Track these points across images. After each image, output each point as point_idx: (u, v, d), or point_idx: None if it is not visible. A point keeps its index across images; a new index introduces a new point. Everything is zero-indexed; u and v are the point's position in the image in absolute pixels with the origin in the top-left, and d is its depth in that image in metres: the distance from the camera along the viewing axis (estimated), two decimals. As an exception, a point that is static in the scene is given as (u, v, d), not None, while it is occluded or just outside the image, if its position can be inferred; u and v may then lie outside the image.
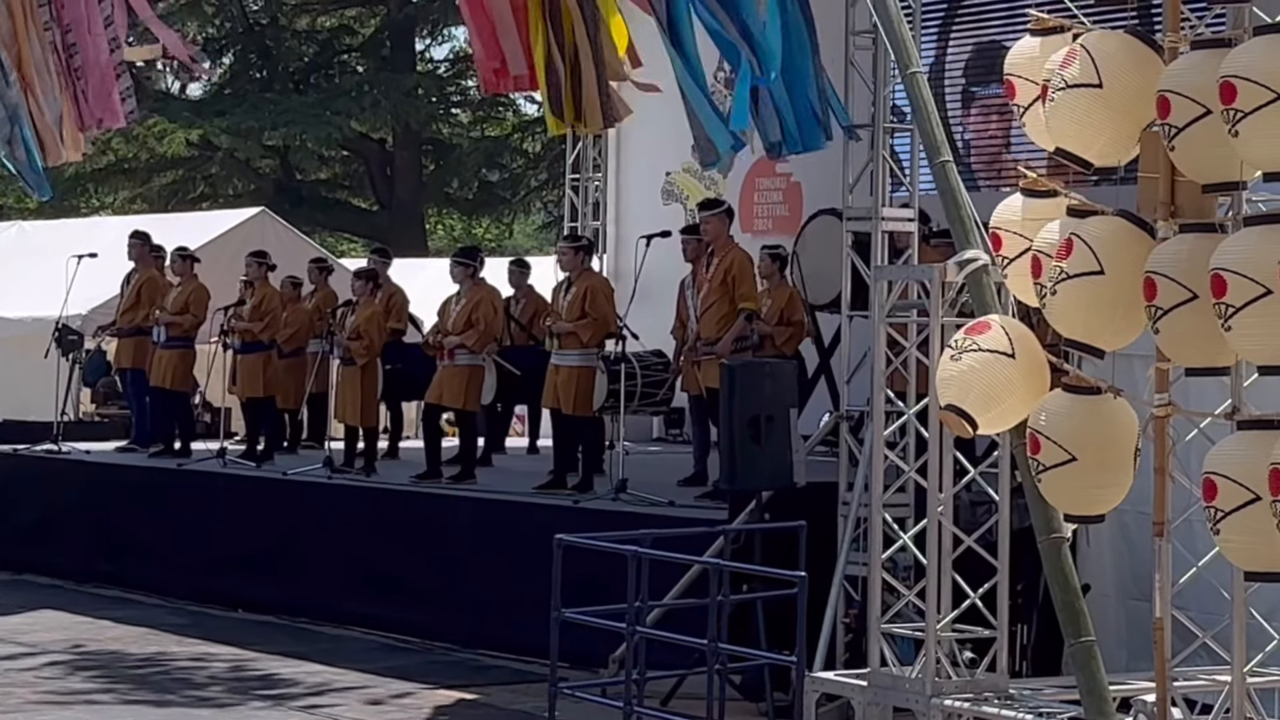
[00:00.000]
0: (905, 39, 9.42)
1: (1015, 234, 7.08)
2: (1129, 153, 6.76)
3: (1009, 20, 16.20)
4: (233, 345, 18.49)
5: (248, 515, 16.54)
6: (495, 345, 16.25)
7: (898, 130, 12.10)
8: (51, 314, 20.36)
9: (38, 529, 18.44)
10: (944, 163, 8.90)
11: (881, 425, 10.44)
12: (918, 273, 10.74)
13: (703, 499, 13.71)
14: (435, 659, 14.01)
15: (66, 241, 22.73)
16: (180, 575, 16.79)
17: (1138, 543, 9.80)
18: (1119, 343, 6.68)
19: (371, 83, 35.53)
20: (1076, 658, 7.40)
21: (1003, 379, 6.92)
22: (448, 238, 42.23)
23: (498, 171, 38.62)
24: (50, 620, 15.75)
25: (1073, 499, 6.82)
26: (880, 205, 11.82)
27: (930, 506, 9.86)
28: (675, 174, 20.17)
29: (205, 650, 14.34)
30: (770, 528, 11.70)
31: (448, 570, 14.55)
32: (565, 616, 10.66)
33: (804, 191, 18.34)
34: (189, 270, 19.08)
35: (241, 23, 36.85)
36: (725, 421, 12.15)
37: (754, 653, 10.81)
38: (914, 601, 10.29)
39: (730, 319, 14.25)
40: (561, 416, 15.10)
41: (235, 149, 35.00)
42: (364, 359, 16.86)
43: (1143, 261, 6.41)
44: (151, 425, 19.07)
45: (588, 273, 15.47)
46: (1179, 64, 6.43)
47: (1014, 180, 7.88)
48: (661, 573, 11.14)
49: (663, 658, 11.03)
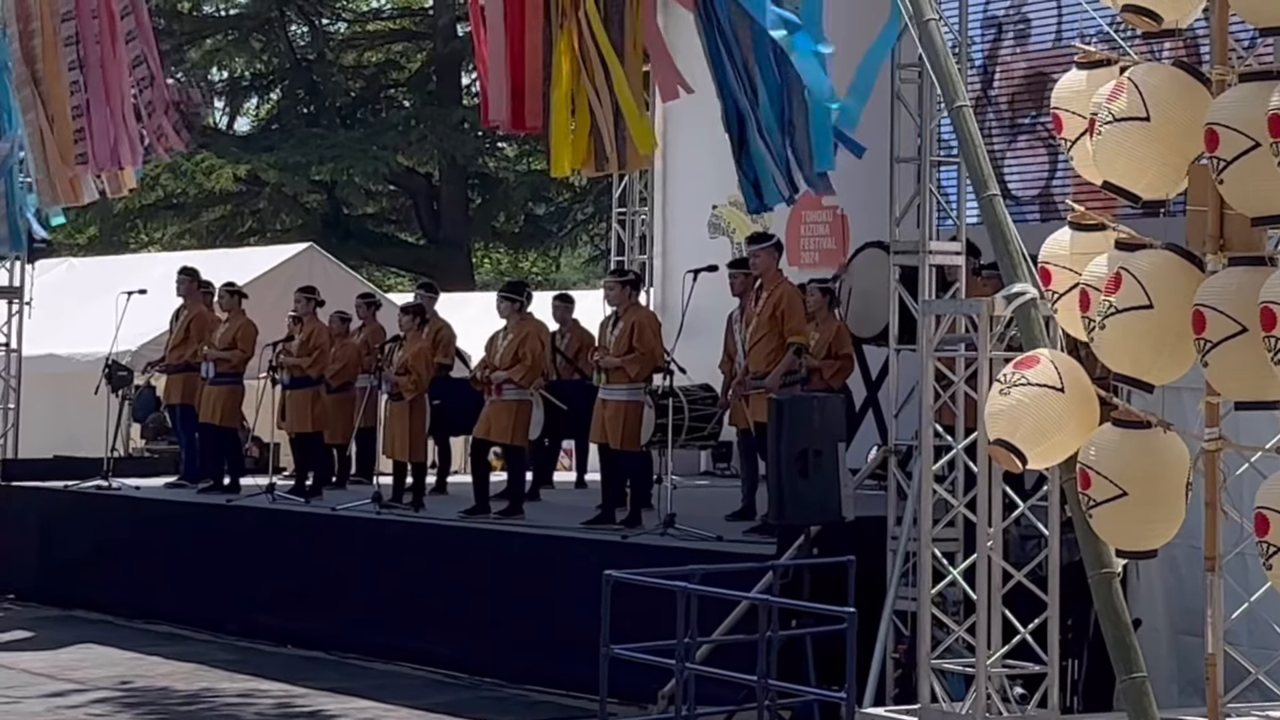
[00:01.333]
0: (951, 73, 9.42)
1: (1064, 268, 7.06)
2: (1177, 186, 6.73)
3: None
4: (281, 381, 18.53)
5: (296, 551, 16.56)
6: (543, 380, 16.25)
7: (944, 163, 12.07)
8: (101, 350, 20.45)
9: (87, 565, 18.49)
10: (991, 196, 8.89)
11: (930, 460, 10.43)
12: (966, 306, 10.73)
13: (751, 534, 13.67)
14: (484, 695, 13.99)
15: (116, 278, 22.82)
16: (229, 611, 16.82)
17: (1188, 577, 9.75)
18: (1168, 377, 6.65)
19: (418, 117, 35.64)
20: (1128, 694, 7.36)
21: (1052, 413, 6.89)
22: (494, 271, 42.29)
23: (544, 205, 38.67)
24: (99, 656, 15.78)
25: (1124, 534, 6.79)
26: (927, 238, 11.78)
27: (980, 541, 9.85)
28: (721, 207, 20.17)
29: (254, 686, 14.35)
30: (819, 563, 11.66)
31: (496, 605, 14.53)
32: (614, 652, 10.64)
33: (850, 224, 18.33)
34: (237, 306, 19.14)
35: (289, 58, 37.02)
36: (773, 456, 12.12)
37: (803, 689, 10.77)
38: (964, 637, 10.26)
39: (779, 353, 14.22)
40: (609, 451, 15.08)
41: (283, 184, 35.12)
42: (412, 394, 16.88)
43: (1192, 295, 6.39)
44: (200, 461, 19.12)
45: (635, 307, 15.46)
46: (1227, 97, 6.41)
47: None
48: (710, 608, 11.11)
49: (712, 693, 10.99)
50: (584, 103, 14.11)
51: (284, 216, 37.55)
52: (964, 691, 10.09)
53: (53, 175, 17.67)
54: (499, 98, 14.90)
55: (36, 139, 17.71)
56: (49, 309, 21.84)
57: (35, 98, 17.27)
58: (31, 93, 17.31)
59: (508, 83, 14.85)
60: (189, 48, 36.44)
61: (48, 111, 17.46)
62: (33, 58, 17.39)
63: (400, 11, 40.58)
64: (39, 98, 17.37)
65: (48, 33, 17.27)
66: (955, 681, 10.37)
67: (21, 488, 19.75)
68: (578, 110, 14.17)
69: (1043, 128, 16.44)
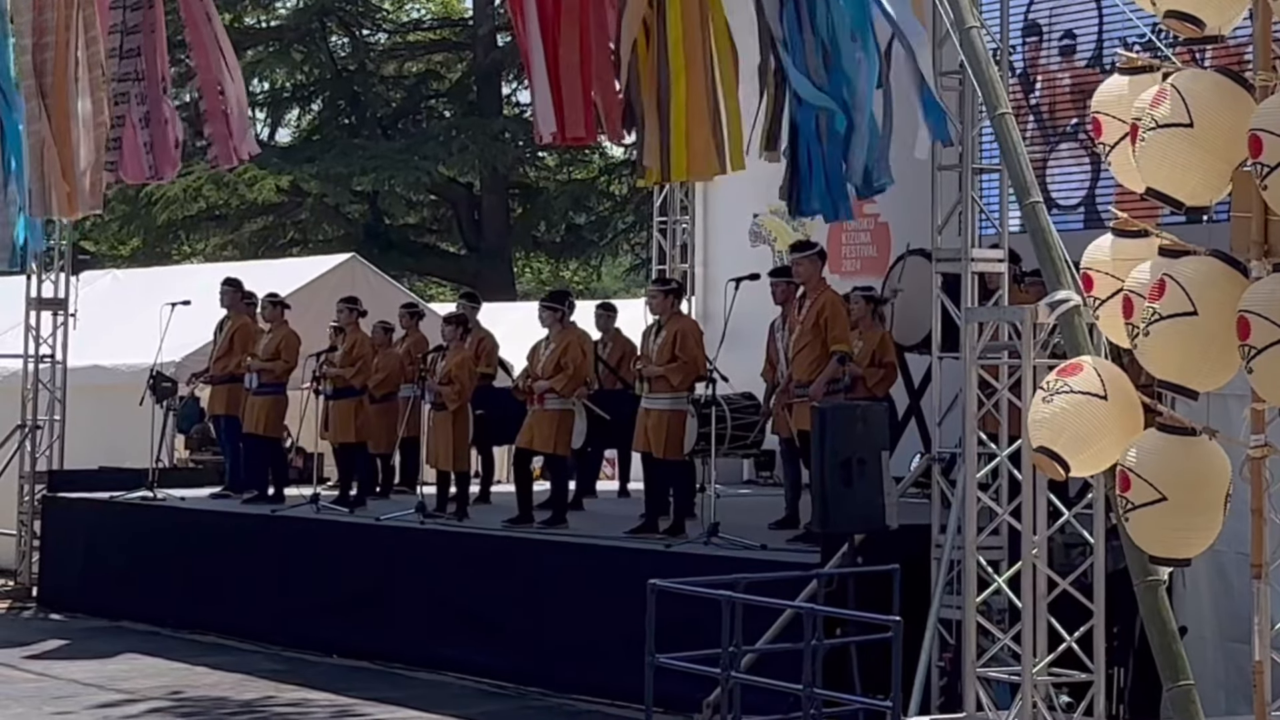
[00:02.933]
0: (993, 80, 9.41)
1: (1107, 275, 7.04)
2: (1220, 192, 6.71)
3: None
4: (324, 391, 18.57)
5: (341, 561, 16.60)
6: (586, 390, 16.27)
7: (986, 171, 12.05)
8: (146, 362, 20.53)
9: (133, 576, 18.57)
10: (1034, 203, 8.89)
11: (974, 467, 10.42)
12: (1009, 314, 10.72)
13: (795, 542, 13.67)
14: (530, 704, 14.01)
15: (159, 289, 22.90)
16: (275, 621, 16.87)
17: (1235, 584, 9.72)
18: (1213, 384, 6.63)
19: (459, 127, 35.69)
20: (1175, 701, 7.35)
21: (1095, 421, 6.87)
22: (535, 281, 42.34)
23: (585, 214, 38.69)
24: (147, 667, 15.84)
25: (1160, 540, 6.75)
26: (970, 246, 11.76)
27: (1025, 549, 9.84)
28: (763, 216, 20.17)
29: (303, 696, 14.40)
30: (863, 571, 11.65)
31: (541, 615, 14.55)
32: (659, 662, 10.65)
33: (892, 232, 18.31)
34: (280, 317, 19.20)
35: (330, 69, 37.13)
36: (817, 464, 12.12)
37: (849, 697, 10.76)
38: (1009, 645, 10.25)
39: (823, 361, 14.21)
40: (652, 460, 15.09)
41: (324, 195, 35.23)
42: (455, 404, 16.91)
43: (1236, 301, 6.37)
44: (245, 472, 19.18)
45: (677, 316, 15.46)
46: (1271, 102, 6.39)
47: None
48: (754, 617, 11.11)
49: (757, 702, 10.98)
50: (702, 103, 13.96)
51: (326, 227, 37.66)
52: (1010, 700, 10.07)
53: (50, 188, 17.76)
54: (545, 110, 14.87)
55: (38, 151, 17.82)
56: (93, 320, 21.93)
57: (42, 110, 17.39)
58: (39, 105, 17.42)
59: (554, 94, 14.83)
60: (230, 60, 36.55)
61: (53, 125, 17.58)
62: (43, 71, 17.53)
63: (440, 22, 40.67)
64: (45, 110, 17.49)
65: (60, 47, 17.40)
66: (1001, 690, 10.36)
67: (67, 499, 19.85)
68: (696, 110, 14.02)
69: (1085, 134, 16.40)
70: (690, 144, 14.38)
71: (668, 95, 14.32)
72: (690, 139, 14.37)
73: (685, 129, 14.38)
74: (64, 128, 17.54)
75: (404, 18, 40.16)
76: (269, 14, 37.67)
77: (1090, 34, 16.68)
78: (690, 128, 14.35)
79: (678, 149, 14.45)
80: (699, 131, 14.33)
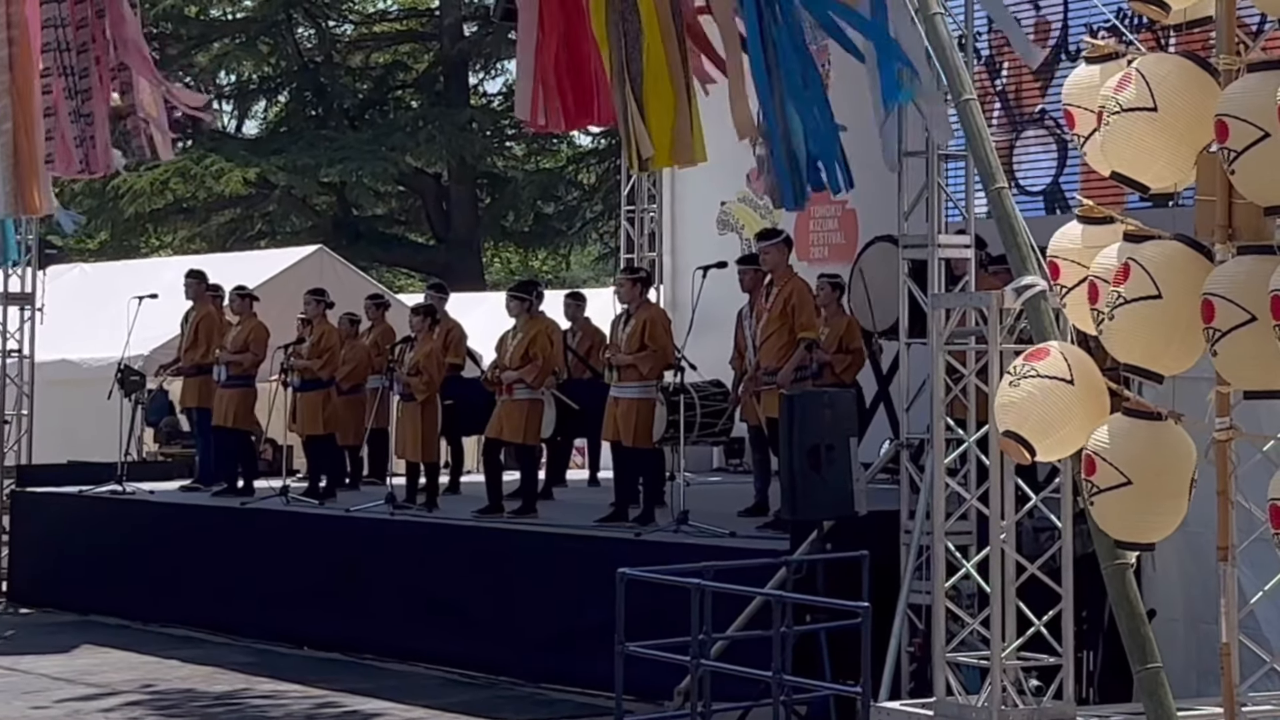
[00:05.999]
0: (957, 66, 9.41)
1: (1073, 262, 7.05)
2: (1186, 175, 6.73)
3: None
4: (292, 383, 18.54)
5: (311, 553, 16.58)
6: (555, 379, 16.26)
7: (952, 157, 12.05)
8: (114, 355, 20.48)
9: (102, 570, 18.52)
10: (999, 189, 8.89)
11: (942, 453, 10.43)
12: (975, 299, 10.72)
13: (764, 529, 13.69)
14: (500, 693, 14.01)
15: (127, 283, 22.86)
16: (245, 613, 16.84)
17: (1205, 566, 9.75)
18: (1178, 367, 6.64)
19: (426, 118, 35.68)
20: (1144, 684, 7.36)
21: (1061, 405, 6.88)
22: (504, 271, 42.34)
23: (553, 204, 38.71)
24: (117, 660, 15.81)
25: (1125, 524, 6.76)
26: (936, 232, 11.76)
27: (993, 534, 9.85)
28: (730, 204, 20.18)
29: (275, 688, 14.38)
30: (833, 558, 11.67)
31: (511, 604, 14.55)
32: (629, 650, 10.66)
33: (859, 219, 18.33)
34: (248, 309, 19.16)
35: (296, 61, 37.08)
36: (785, 451, 12.13)
37: (819, 684, 10.79)
38: (978, 630, 10.26)
39: (790, 348, 14.23)
40: (622, 449, 15.10)
41: (292, 187, 35.17)
42: (424, 395, 16.89)
43: (1200, 285, 6.38)
44: (215, 464, 19.15)
45: (646, 304, 15.46)
46: (1236, 87, 6.40)
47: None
48: (724, 604, 11.13)
49: (727, 690, 11.01)
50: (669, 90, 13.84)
51: (294, 219, 37.62)
52: (979, 684, 10.08)
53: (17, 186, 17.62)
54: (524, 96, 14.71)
55: (9, 149, 17.69)
56: (61, 315, 21.88)
57: (9, 110, 17.26)
58: (9, 103, 17.30)
59: (537, 80, 14.66)
60: (196, 52, 36.50)
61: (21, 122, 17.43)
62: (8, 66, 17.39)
63: (407, 12, 40.63)
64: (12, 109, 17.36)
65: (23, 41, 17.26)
66: (970, 674, 10.37)
67: (36, 493, 19.77)
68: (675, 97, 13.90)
69: (1051, 119, 16.43)
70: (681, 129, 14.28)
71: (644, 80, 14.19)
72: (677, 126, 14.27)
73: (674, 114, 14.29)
74: (28, 124, 17.40)
75: (370, 8, 40.14)
76: (235, 6, 37.59)
77: (1056, 19, 16.69)
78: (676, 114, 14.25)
79: (671, 134, 14.33)
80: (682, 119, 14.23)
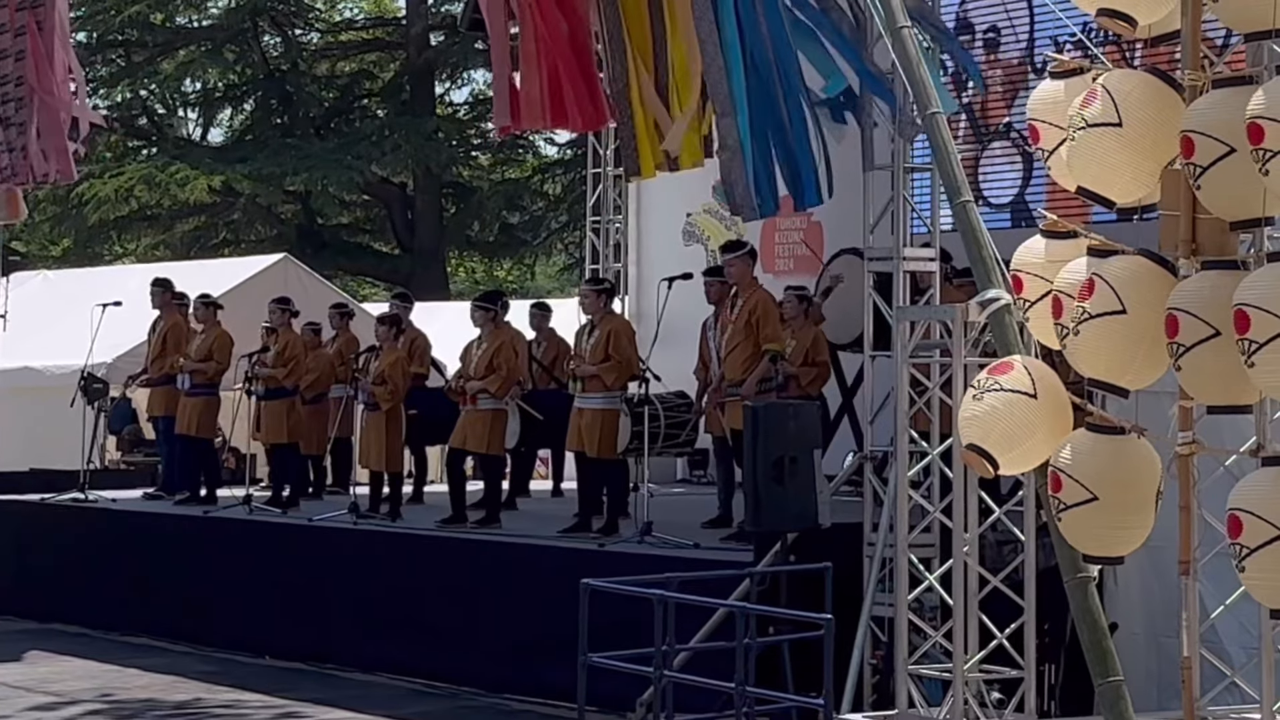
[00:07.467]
0: (925, 80, 9.43)
1: (1037, 276, 7.08)
2: (1150, 191, 6.75)
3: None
4: (256, 392, 18.49)
5: (274, 562, 16.54)
6: (519, 389, 16.26)
7: (918, 170, 12.09)
8: (77, 363, 20.41)
9: (64, 577, 18.45)
10: (964, 203, 8.91)
11: (905, 466, 10.46)
12: (940, 313, 10.76)
13: (728, 541, 13.69)
14: (462, 704, 13.99)
15: (91, 290, 22.78)
16: (207, 623, 16.79)
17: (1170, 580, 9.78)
18: (1141, 382, 6.66)
19: (392, 127, 35.63)
20: (1105, 697, 7.37)
21: (1024, 419, 6.90)
22: (469, 281, 42.29)
23: (518, 214, 38.69)
24: (77, 669, 15.75)
25: (1093, 539, 6.79)
26: (902, 245, 11.80)
27: (956, 547, 9.87)
28: (696, 215, 20.18)
29: (235, 697, 14.34)
30: (796, 569, 11.68)
31: (474, 615, 14.54)
32: (592, 661, 10.65)
33: (825, 231, 18.34)
34: (212, 317, 19.11)
35: (262, 69, 37.02)
36: (749, 463, 12.14)
37: (781, 695, 10.79)
38: (941, 642, 10.29)
39: (754, 360, 14.23)
40: (586, 460, 15.09)
41: (257, 195, 35.11)
42: (388, 404, 16.87)
43: (1164, 299, 6.41)
44: (178, 473, 19.09)
45: (610, 315, 15.47)
46: (1201, 103, 6.43)
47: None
48: (687, 616, 11.13)
49: (690, 701, 11.01)
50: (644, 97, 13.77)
51: (258, 227, 37.55)
52: (941, 697, 10.11)
53: None
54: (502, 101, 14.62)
55: None
56: (24, 322, 21.77)
57: None
58: None
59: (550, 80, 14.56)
60: (162, 59, 36.43)
61: None
62: None
63: (373, 21, 40.61)
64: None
65: None
66: (933, 687, 10.40)
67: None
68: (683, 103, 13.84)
69: (1016, 133, 16.47)
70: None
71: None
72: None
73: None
74: None
75: (336, 17, 40.09)
76: (201, 14, 37.54)
77: (1023, 32, 16.74)
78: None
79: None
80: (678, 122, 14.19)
